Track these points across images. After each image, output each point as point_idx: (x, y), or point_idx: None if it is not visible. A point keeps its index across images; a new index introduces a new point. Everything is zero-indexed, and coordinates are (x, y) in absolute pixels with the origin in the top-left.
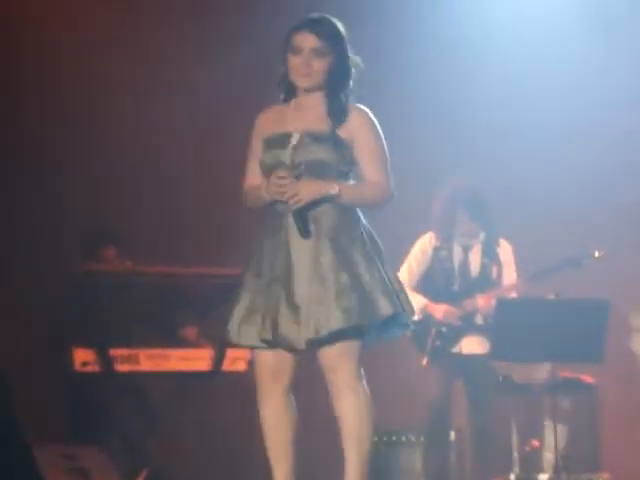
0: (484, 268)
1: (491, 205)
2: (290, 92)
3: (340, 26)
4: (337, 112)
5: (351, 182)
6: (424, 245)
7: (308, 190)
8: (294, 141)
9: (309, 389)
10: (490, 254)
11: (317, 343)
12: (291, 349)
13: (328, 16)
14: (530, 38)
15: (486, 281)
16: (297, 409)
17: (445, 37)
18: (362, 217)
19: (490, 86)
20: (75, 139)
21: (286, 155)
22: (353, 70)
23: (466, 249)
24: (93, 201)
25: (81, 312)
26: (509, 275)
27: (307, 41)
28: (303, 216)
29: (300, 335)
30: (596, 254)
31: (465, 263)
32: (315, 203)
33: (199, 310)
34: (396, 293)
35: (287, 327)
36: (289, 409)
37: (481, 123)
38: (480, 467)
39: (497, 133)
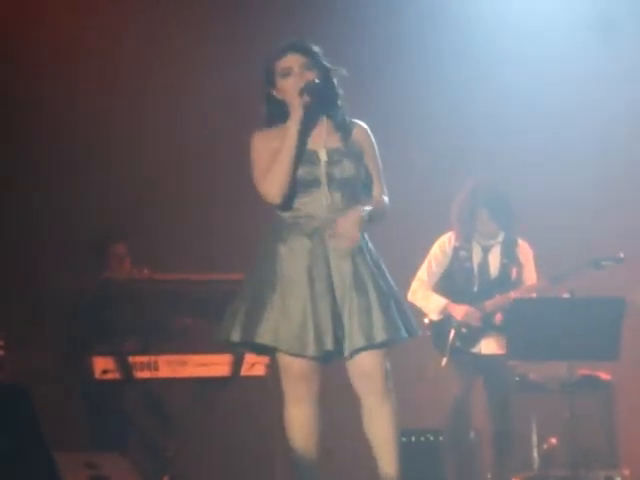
0: (503, 269)
1: (511, 205)
2: (282, 116)
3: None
4: (344, 126)
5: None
6: (444, 245)
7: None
8: (324, 157)
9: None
10: (509, 255)
11: (361, 351)
12: (333, 357)
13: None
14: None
15: (505, 282)
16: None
17: (451, 37)
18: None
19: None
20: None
21: (321, 171)
22: (336, 81)
23: (485, 250)
24: (105, 209)
25: (100, 321)
26: (529, 276)
27: (294, 61)
28: None
29: (345, 344)
30: (620, 255)
31: (484, 263)
32: None
33: (213, 315)
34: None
35: (337, 337)
36: (318, 414)
37: (493, 123)
38: (500, 465)
39: (510, 132)
